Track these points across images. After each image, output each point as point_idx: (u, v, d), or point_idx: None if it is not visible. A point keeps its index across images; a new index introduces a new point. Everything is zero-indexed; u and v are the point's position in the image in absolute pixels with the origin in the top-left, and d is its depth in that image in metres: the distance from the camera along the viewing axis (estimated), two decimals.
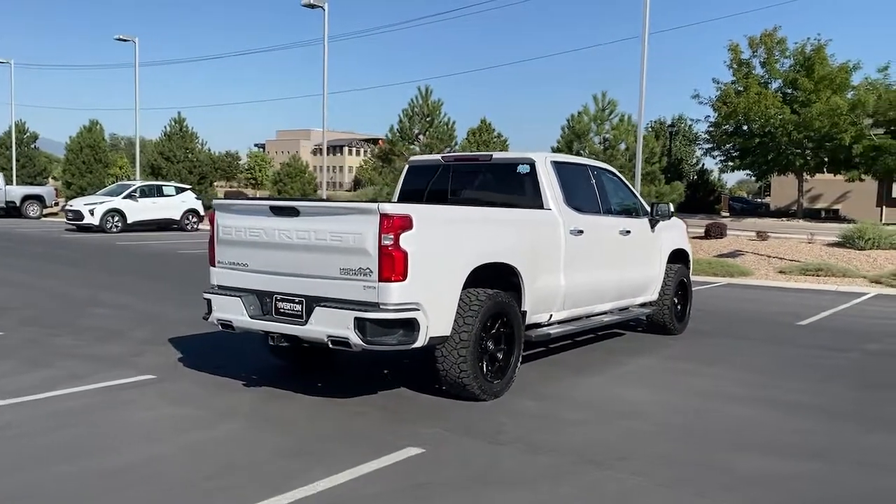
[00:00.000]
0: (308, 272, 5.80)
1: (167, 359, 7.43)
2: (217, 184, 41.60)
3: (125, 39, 33.22)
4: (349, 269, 5.57)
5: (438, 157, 8.13)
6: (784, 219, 36.77)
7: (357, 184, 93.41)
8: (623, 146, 21.79)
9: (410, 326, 5.53)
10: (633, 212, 8.68)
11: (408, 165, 8.30)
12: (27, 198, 32.81)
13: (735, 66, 35.82)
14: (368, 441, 5.14)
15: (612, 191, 8.43)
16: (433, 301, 5.66)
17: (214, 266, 6.48)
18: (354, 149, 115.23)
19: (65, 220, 27.03)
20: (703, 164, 52.78)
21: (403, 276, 5.44)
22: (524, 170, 7.36)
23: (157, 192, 26.82)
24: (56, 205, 35.41)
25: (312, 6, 25.27)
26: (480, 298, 6.03)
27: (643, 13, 18.48)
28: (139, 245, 21.26)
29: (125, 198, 25.70)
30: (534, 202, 7.23)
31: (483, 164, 7.80)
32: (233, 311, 6.18)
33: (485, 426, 5.51)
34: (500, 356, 6.33)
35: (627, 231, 8.32)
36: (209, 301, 6.39)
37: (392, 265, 5.41)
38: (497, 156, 7.65)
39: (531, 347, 7.64)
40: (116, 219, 25.22)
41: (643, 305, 9.01)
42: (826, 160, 34.94)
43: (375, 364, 7.44)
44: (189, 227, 27.14)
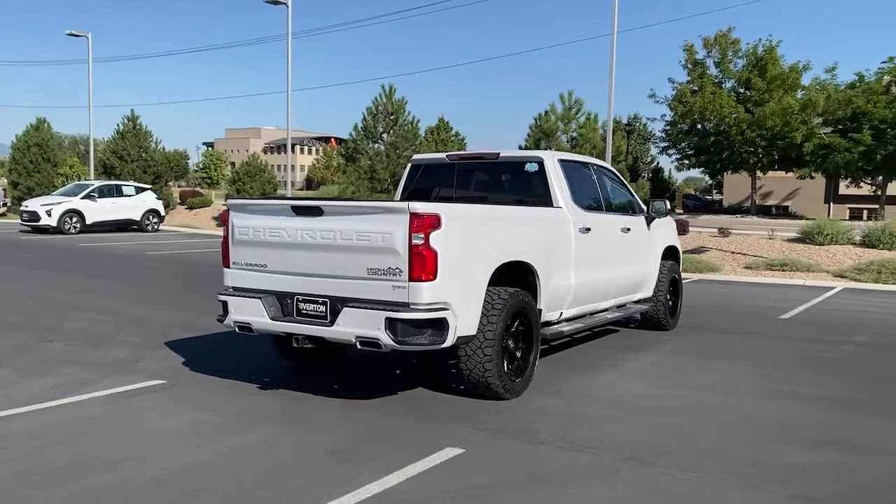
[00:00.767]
0: (333, 272, 5.72)
1: (170, 363, 7.24)
2: (171, 183, 40.63)
3: (78, 35, 32.25)
4: (377, 269, 5.50)
5: (443, 156, 8.09)
6: (738, 215, 37.63)
7: (309, 183, 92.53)
8: (590, 145, 22.02)
9: (440, 326, 5.49)
10: (631, 209, 8.78)
11: (410, 164, 8.24)
12: None
13: (690, 66, 36.54)
14: (406, 442, 5.09)
15: (612, 188, 8.52)
16: (461, 300, 5.63)
17: (229, 267, 6.33)
18: (306, 147, 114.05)
19: (19, 221, 26.13)
20: (658, 163, 53.78)
21: (434, 276, 5.39)
22: (532, 168, 7.37)
23: (117, 193, 26.10)
24: (5, 206, 34.18)
25: (276, 2, 24.90)
26: (503, 297, 6.02)
27: (612, 15, 18.71)
28: (103, 247, 20.67)
29: (83, 198, 24.93)
30: (543, 200, 7.25)
31: (489, 163, 7.79)
32: (252, 313, 6.05)
33: (516, 425, 5.51)
34: (519, 354, 6.33)
35: (628, 229, 8.41)
36: (225, 303, 6.24)
37: (422, 265, 5.36)
38: (504, 154, 7.65)
39: (542, 345, 7.66)
40: (75, 220, 24.46)
41: (638, 302, 9.12)
42: (778, 158, 35.87)
43: (383, 364, 7.37)
44: (150, 228, 26.49)
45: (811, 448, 5.09)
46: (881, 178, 35.55)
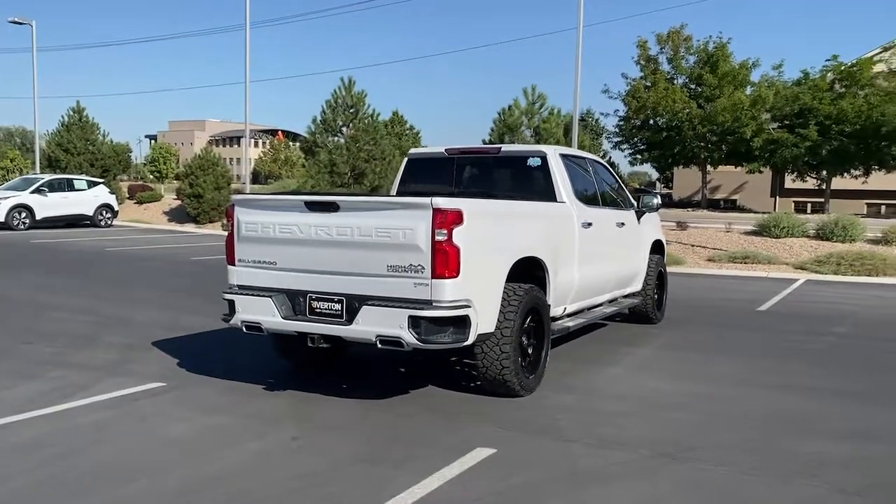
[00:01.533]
0: (349, 270, 5.57)
1: (164, 365, 6.99)
2: (118, 177, 39.39)
3: (21, 23, 30.98)
4: (398, 266, 5.38)
5: (441, 150, 7.98)
6: (689, 209, 38.36)
7: (255, 176, 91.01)
8: (553, 139, 22.15)
9: (463, 324, 5.40)
10: (623, 204, 8.81)
11: (407, 158, 8.11)
12: None
13: (643, 63, 37.06)
14: (432, 443, 5.00)
15: (607, 183, 8.54)
16: (481, 297, 5.56)
17: (234, 265, 6.12)
18: (252, 140, 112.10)
19: None
20: (611, 158, 54.37)
21: (456, 273, 5.30)
22: (535, 163, 7.33)
23: (68, 187, 25.19)
24: None
25: None
26: (518, 293, 5.97)
27: (578, 11, 18.82)
28: (58, 243, 19.92)
29: (33, 192, 23.97)
30: (546, 195, 7.21)
31: (491, 157, 7.72)
32: (262, 313, 5.86)
33: (539, 422, 5.46)
34: (531, 351, 6.29)
35: (622, 223, 8.44)
36: (232, 302, 6.03)
37: (446, 261, 5.26)
38: (506, 148, 7.58)
39: None
40: (24, 215, 23.51)
41: (628, 296, 9.17)
42: (728, 153, 36.67)
43: (386, 363, 7.25)
44: (103, 224, 25.65)
45: (830, 440, 5.16)
46: (825, 173, 36.65)
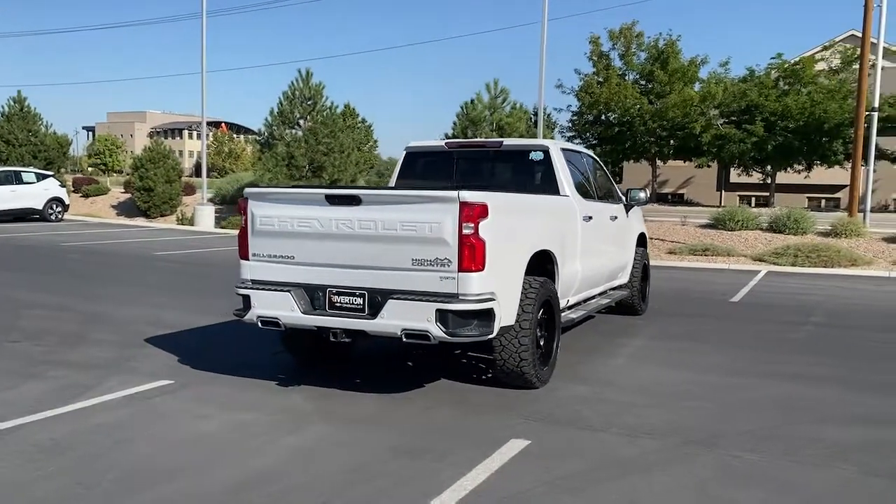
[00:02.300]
0: (372, 264, 5.54)
1: (165, 362, 6.84)
2: (63, 170, 38.11)
3: None
4: (423, 260, 5.37)
5: (441, 143, 7.97)
6: None
7: (199, 169, 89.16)
8: (517, 134, 22.30)
9: (488, 317, 5.43)
10: (614, 197, 8.95)
11: (405, 152, 8.07)
12: None
13: (595, 58, 37.52)
14: (465, 435, 5.02)
15: (600, 177, 8.66)
16: (504, 290, 5.59)
17: (248, 259, 6.01)
18: (195, 132, 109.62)
19: None
20: None
21: (482, 266, 5.32)
22: (537, 157, 7.39)
23: (16, 179, 24.23)
24: None
25: None
26: (534, 286, 6.02)
27: (543, 4, 18.96)
28: (9, 238, 19.19)
29: None
30: (548, 189, 7.28)
31: (492, 151, 7.75)
32: (280, 307, 5.78)
33: (563, 413, 5.52)
34: (543, 343, 6.35)
35: (615, 217, 8.58)
36: (247, 297, 5.93)
37: (472, 255, 5.28)
38: (508, 142, 7.62)
39: None
40: None
41: (616, 288, 9.33)
42: (677, 147, 37.44)
43: (392, 356, 7.24)
44: (53, 218, 24.78)
45: (842, 426, 5.35)
46: (769, 168, 37.79)
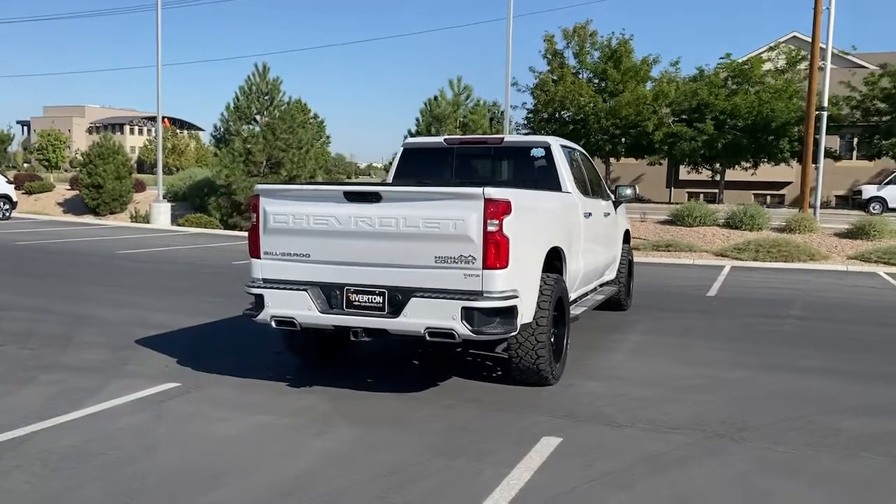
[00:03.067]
0: (392, 261, 5.46)
1: (164, 365, 6.63)
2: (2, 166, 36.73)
3: None
4: (447, 257, 5.32)
5: (440, 140, 7.91)
6: None
7: (140, 165, 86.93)
8: (481, 131, 22.32)
9: (511, 314, 5.40)
10: (605, 194, 9.02)
11: (403, 148, 7.98)
12: None
13: (550, 57, 37.83)
14: (496, 434, 5.00)
15: (593, 174, 8.71)
16: (524, 287, 5.58)
17: (260, 258, 5.86)
18: (136, 127, 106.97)
19: None
20: None
21: (506, 263, 5.30)
22: (539, 153, 7.40)
23: None
24: None
25: None
26: (549, 283, 6.03)
27: (508, 2, 19.00)
28: None
29: None
30: (550, 186, 7.29)
31: (493, 148, 7.73)
32: (296, 307, 5.64)
33: (586, 410, 5.54)
34: (554, 339, 6.36)
35: (607, 213, 8.65)
36: (260, 296, 5.77)
37: (497, 252, 5.25)
38: (509, 139, 7.61)
39: None
40: None
41: (605, 284, 9.41)
42: (630, 145, 38.03)
43: (396, 356, 7.16)
44: (1, 216, 23.83)
45: (861, 416, 5.49)
46: (718, 165, 38.68)
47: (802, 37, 41.34)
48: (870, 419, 5.43)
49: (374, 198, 5.46)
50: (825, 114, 23.62)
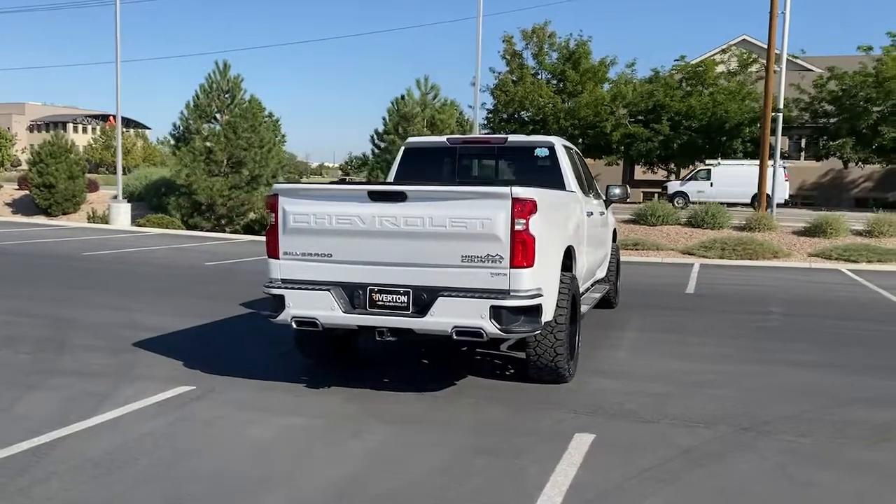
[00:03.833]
0: (418, 261, 5.44)
1: (172, 368, 6.50)
2: None
3: None
4: (473, 256, 5.33)
5: (443, 140, 7.90)
6: None
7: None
8: (449, 130, 22.35)
9: (537, 312, 5.44)
10: (596, 193, 9.14)
11: (404, 147, 7.94)
12: None
13: (509, 57, 38.09)
14: (528, 431, 5.04)
15: (587, 173, 8.82)
16: (547, 286, 5.62)
17: (279, 258, 5.77)
18: (80, 125, 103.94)
19: None
20: None
21: (533, 262, 5.33)
22: (543, 153, 7.46)
23: None
24: None
25: None
26: (566, 282, 6.09)
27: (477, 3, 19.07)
28: None
29: None
30: (554, 185, 7.33)
31: (496, 147, 7.75)
32: (320, 307, 5.58)
33: (608, 407, 5.61)
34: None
35: (602, 212, 8.77)
36: (281, 297, 5.68)
37: (524, 251, 5.28)
38: (513, 138, 7.64)
39: None
40: None
41: (596, 283, 9.52)
42: (589, 146, 38.52)
43: (405, 355, 7.14)
44: None
45: (874, 408, 5.66)
46: (673, 165, 39.47)
47: (752, 40, 42.51)
48: (885, 410, 5.62)
49: (399, 197, 5.44)
50: (780, 115, 24.30)
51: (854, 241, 18.37)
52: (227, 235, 22.60)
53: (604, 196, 9.36)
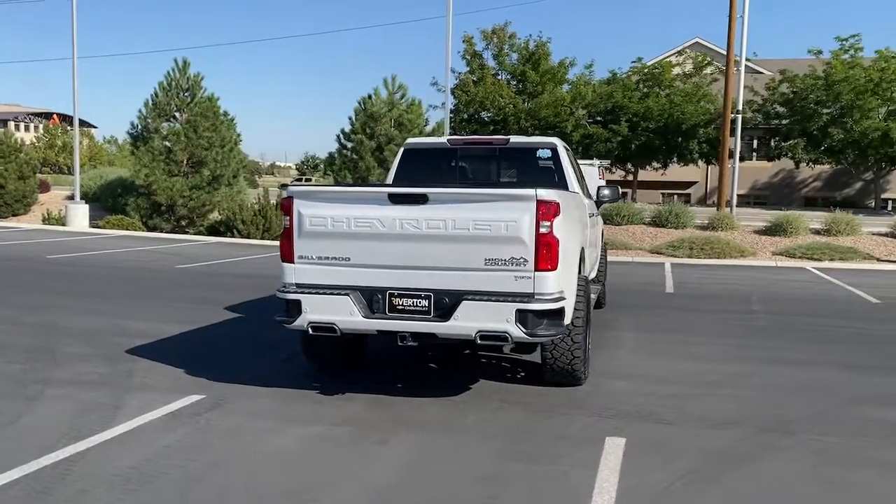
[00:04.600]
0: (439, 264, 5.35)
1: (176, 376, 6.30)
2: None
3: None
4: (497, 259, 5.26)
5: (443, 140, 7.81)
6: None
7: None
8: (417, 130, 22.23)
9: (561, 315, 5.40)
10: (588, 193, 9.15)
11: (404, 148, 7.82)
12: None
13: (469, 57, 38.11)
14: (558, 435, 5.00)
15: (580, 174, 8.82)
16: (568, 289, 5.59)
17: (293, 262, 5.61)
18: (23, 124, 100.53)
19: None
20: None
21: (557, 265, 5.29)
22: (546, 154, 7.43)
23: None
24: None
25: None
26: (581, 284, 6.07)
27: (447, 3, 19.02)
28: None
29: None
30: (556, 187, 7.32)
31: (498, 148, 7.69)
32: (337, 312, 5.44)
33: (628, 409, 5.60)
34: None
35: (594, 213, 8.79)
36: (297, 302, 5.52)
37: (549, 254, 5.23)
38: (515, 139, 7.59)
39: None
40: None
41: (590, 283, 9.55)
42: None
43: (410, 359, 7.02)
44: None
45: (886, 406, 5.77)
46: (629, 165, 40.02)
47: (704, 42, 43.36)
48: (892, 409, 5.73)
49: (421, 200, 5.34)
50: (739, 116, 24.81)
51: (815, 240, 18.83)
52: (191, 237, 22.08)
53: (595, 197, 9.39)
